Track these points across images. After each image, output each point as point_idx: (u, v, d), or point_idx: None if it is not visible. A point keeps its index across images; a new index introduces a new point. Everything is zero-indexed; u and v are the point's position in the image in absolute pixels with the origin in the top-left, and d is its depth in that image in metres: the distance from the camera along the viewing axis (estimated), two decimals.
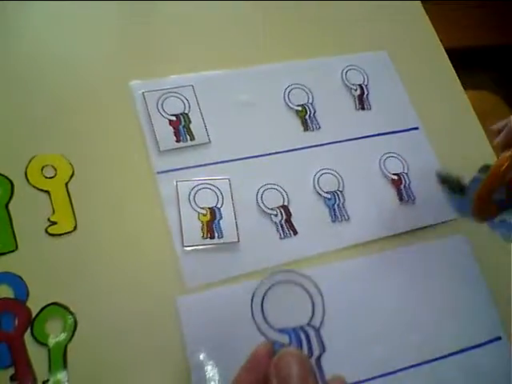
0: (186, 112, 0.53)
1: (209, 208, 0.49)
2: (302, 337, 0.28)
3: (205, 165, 0.51)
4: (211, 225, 0.48)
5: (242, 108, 0.55)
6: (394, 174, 0.55)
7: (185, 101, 0.53)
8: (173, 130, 0.51)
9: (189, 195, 0.49)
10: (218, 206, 0.49)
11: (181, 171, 0.50)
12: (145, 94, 0.52)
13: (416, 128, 0.58)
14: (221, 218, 0.48)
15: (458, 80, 0.64)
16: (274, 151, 0.53)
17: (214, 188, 0.50)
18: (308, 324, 0.29)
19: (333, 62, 0.60)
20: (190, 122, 0.52)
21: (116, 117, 0.52)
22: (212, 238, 0.47)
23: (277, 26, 0.62)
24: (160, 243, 0.47)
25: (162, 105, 0.52)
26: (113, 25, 0.59)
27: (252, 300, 0.29)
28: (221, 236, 0.47)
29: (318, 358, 0.27)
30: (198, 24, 0.60)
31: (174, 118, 0.52)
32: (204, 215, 0.48)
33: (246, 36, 0.60)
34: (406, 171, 0.55)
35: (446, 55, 0.66)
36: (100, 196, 0.48)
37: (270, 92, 0.56)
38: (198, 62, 0.57)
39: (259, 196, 0.50)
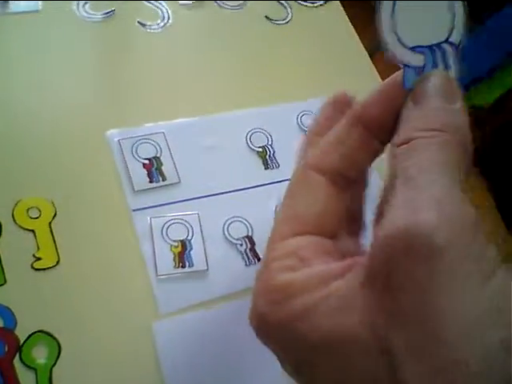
0: (158, 156, 0.59)
1: (180, 240, 0.54)
2: (439, 55, 0.23)
3: (176, 202, 0.57)
4: (182, 255, 0.53)
5: (209, 151, 0.61)
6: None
7: (157, 146, 0.59)
8: (146, 172, 0.57)
9: (162, 230, 0.54)
10: (189, 238, 0.54)
11: (154, 208, 0.56)
12: (120, 141, 0.58)
13: None
14: (191, 248, 0.54)
15: None
16: (238, 188, 0.59)
17: (184, 222, 0.55)
18: (446, 41, 0.23)
19: (289, 108, 0.67)
20: (161, 164, 0.58)
21: (94, 162, 0.58)
22: (183, 267, 0.52)
23: (239, 77, 0.69)
24: (136, 274, 0.52)
25: (136, 150, 0.58)
26: (90, 79, 0.65)
27: (380, 11, 0.23)
28: (191, 265, 0.53)
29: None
30: (167, 77, 0.66)
31: (147, 162, 0.58)
32: (176, 247, 0.54)
33: (212, 86, 0.67)
34: None
35: None
36: (80, 233, 0.53)
37: (234, 136, 0.63)
38: (169, 111, 0.63)
39: (225, 228, 0.56)
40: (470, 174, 0.23)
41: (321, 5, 0.79)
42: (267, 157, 0.62)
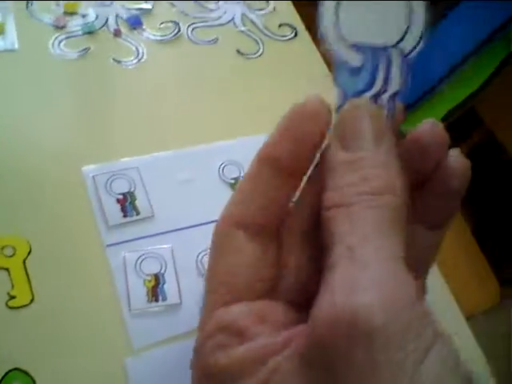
0: (132, 190, 0.60)
1: (154, 274, 0.55)
2: (382, 60, 0.20)
3: (149, 236, 0.58)
4: (156, 289, 0.54)
5: (183, 184, 0.62)
6: None
7: (131, 181, 0.61)
8: (120, 207, 0.58)
9: (135, 264, 0.55)
10: (162, 271, 0.56)
11: (128, 243, 0.57)
12: (95, 177, 0.60)
13: None
14: (164, 282, 0.55)
15: None
16: (210, 220, 0.61)
17: (158, 256, 0.56)
18: (394, 46, 0.19)
19: (261, 140, 0.69)
20: (135, 199, 0.59)
21: (69, 198, 0.59)
22: (157, 301, 0.53)
23: (212, 111, 0.71)
24: (109, 309, 0.53)
25: (110, 186, 0.59)
26: (66, 115, 0.67)
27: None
28: (164, 299, 0.54)
29: (394, 96, 0.20)
30: (142, 112, 0.68)
31: (121, 197, 0.59)
32: (149, 281, 0.55)
33: (186, 120, 0.69)
34: None
35: None
36: (55, 269, 0.54)
37: (207, 169, 0.65)
38: (143, 146, 0.65)
39: (199, 260, 0.57)
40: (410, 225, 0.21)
41: (291, 38, 0.81)
42: None
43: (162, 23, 0.77)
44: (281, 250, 0.24)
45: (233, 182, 0.64)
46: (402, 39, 0.20)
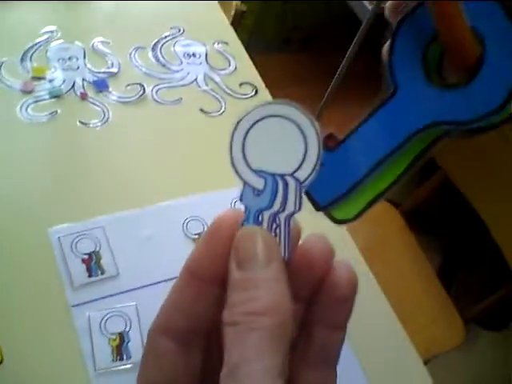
0: (97, 250, 0.62)
1: (118, 333, 0.56)
2: (280, 186, 0.23)
3: (114, 294, 0.59)
4: (120, 348, 0.55)
5: (146, 241, 0.65)
6: None
7: (96, 240, 0.62)
8: (85, 267, 0.60)
9: (100, 324, 0.56)
10: (127, 330, 0.57)
11: (93, 303, 0.58)
12: (60, 238, 0.61)
13: None
14: (129, 340, 0.56)
15: None
16: (175, 276, 0.62)
17: (122, 314, 0.58)
18: (292, 174, 0.23)
19: (223, 195, 0.72)
20: (100, 258, 0.61)
21: (35, 260, 0.60)
22: (121, 359, 0.55)
23: (176, 168, 0.74)
24: (75, 370, 0.54)
25: (75, 246, 0.61)
26: (34, 177, 0.68)
27: (236, 127, 0.24)
28: (129, 357, 0.55)
29: (291, 216, 0.23)
30: (108, 171, 0.71)
31: (86, 257, 0.61)
32: (114, 340, 0.56)
33: (150, 178, 0.72)
34: None
35: None
36: (22, 331, 0.55)
37: (170, 225, 0.67)
38: (109, 206, 0.67)
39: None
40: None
41: (252, 96, 0.86)
42: None
43: (127, 85, 0.80)
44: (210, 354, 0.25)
45: (196, 237, 0.67)
46: (298, 169, 0.23)
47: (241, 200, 0.24)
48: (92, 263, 0.60)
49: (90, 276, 0.59)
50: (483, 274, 1.57)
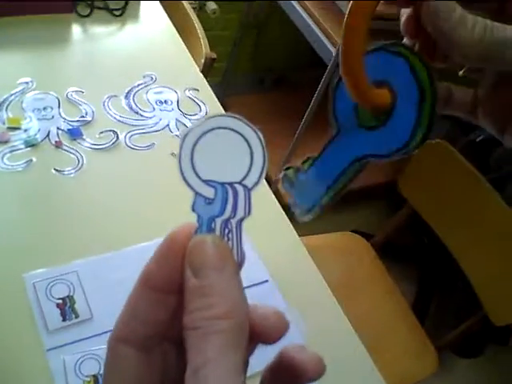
0: (71, 294, 0.64)
1: (93, 375, 0.58)
2: (230, 194, 0.25)
3: (89, 337, 0.61)
4: None
5: (120, 284, 0.67)
6: None
7: (70, 285, 0.64)
8: (59, 312, 0.62)
9: (74, 366, 0.58)
10: (101, 372, 0.58)
11: (68, 346, 0.60)
12: (35, 283, 0.63)
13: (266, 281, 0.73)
14: None
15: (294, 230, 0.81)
16: None
17: (96, 357, 0.59)
18: (240, 182, 0.25)
19: None
20: (74, 302, 0.63)
21: (10, 305, 0.62)
22: None
23: (149, 211, 0.77)
24: None
25: (50, 291, 0.63)
26: (8, 224, 0.71)
27: (183, 140, 0.25)
28: None
29: (241, 220, 0.25)
30: (81, 217, 0.73)
31: (60, 301, 0.62)
32: (88, 382, 0.57)
33: (123, 222, 0.74)
34: None
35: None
36: None
37: (142, 267, 0.69)
38: (83, 250, 0.69)
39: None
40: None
41: None
42: None
43: (101, 132, 0.84)
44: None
45: None
46: (246, 176, 0.25)
47: (193, 209, 0.25)
48: (66, 307, 0.62)
49: (64, 320, 0.61)
50: (456, 301, 1.61)
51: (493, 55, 0.25)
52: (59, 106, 0.85)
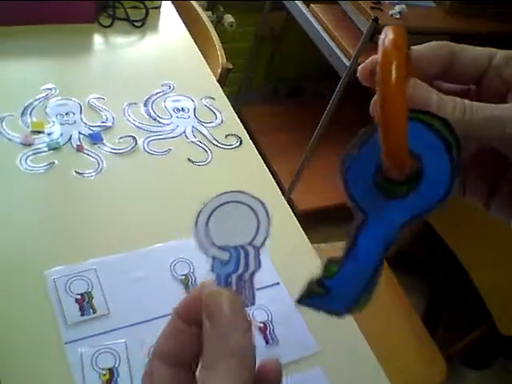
0: (90, 290, 0.66)
1: (108, 368, 0.60)
2: (242, 254, 0.29)
3: (105, 332, 0.63)
4: (110, 383, 0.59)
5: (136, 282, 0.69)
6: (260, 323, 0.69)
7: (88, 281, 0.67)
8: (78, 307, 0.64)
9: (91, 359, 0.60)
10: (116, 365, 0.61)
11: (85, 340, 0.62)
12: (55, 280, 0.66)
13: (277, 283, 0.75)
14: (118, 375, 0.60)
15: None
16: (163, 314, 0.67)
17: (112, 351, 0.62)
18: (250, 243, 0.29)
19: None
20: (92, 298, 0.66)
21: (31, 300, 0.64)
22: None
23: (165, 213, 0.79)
24: None
25: (69, 287, 0.66)
26: (31, 223, 0.74)
27: (198, 216, 0.29)
28: None
29: (253, 274, 0.29)
30: (101, 218, 0.76)
31: (79, 297, 0.65)
32: (104, 375, 0.60)
33: (141, 223, 0.77)
34: (270, 319, 0.70)
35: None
36: (20, 367, 0.58)
37: (159, 267, 0.72)
38: (101, 249, 0.72)
39: (151, 353, 0.63)
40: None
41: (237, 146, 0.92)
42: (189, 283, 0.71)
43: (120, 138, 0.87)
44: None
45: (183, 277, 0.71)
46: (254, 238, 0.30)
47: (212, 271, 0.29)
48: (84, 303, 0.65)
49: (82, 315, 0.64)
50: (466, 313, 1.61)
51: (475, 134, 0.27)
52: (81, 112, 0.89)
